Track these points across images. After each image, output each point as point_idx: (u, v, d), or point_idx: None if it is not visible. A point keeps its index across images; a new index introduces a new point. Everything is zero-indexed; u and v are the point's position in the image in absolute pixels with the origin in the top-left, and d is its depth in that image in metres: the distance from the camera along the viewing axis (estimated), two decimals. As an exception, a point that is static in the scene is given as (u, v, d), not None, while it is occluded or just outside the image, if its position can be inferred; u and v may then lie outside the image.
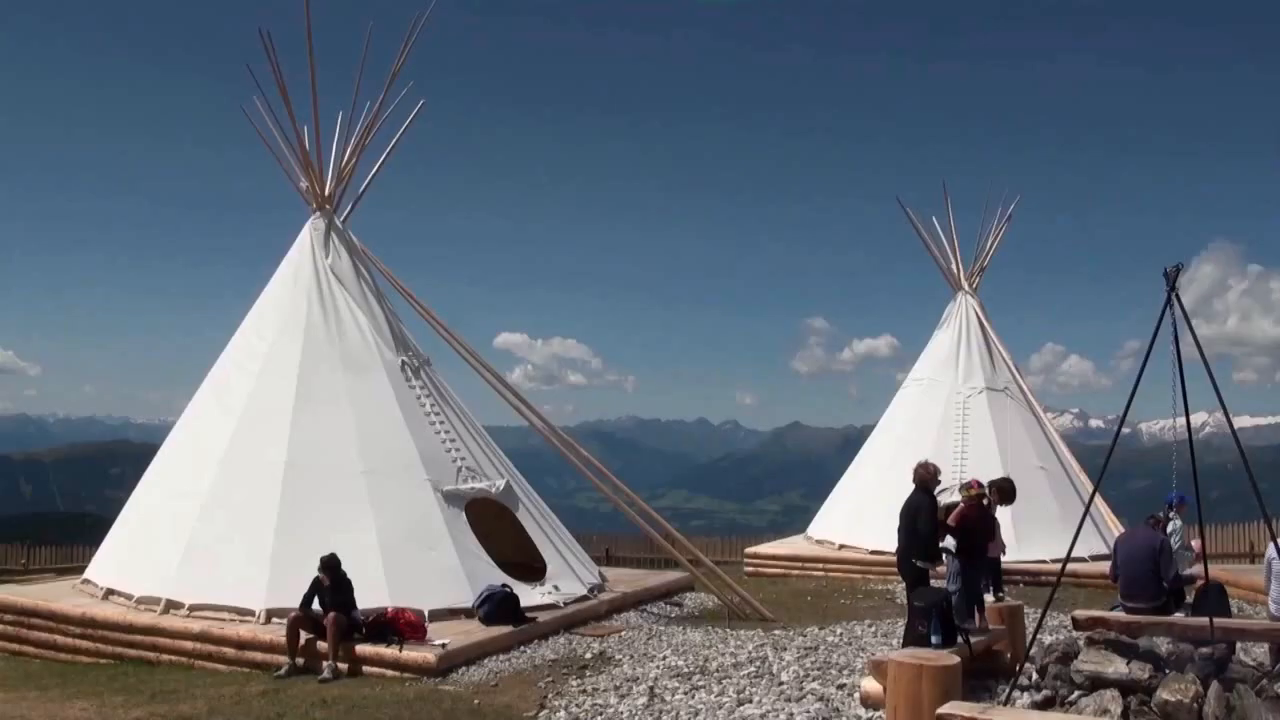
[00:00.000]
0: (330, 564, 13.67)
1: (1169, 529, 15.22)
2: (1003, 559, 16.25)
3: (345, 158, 18.59)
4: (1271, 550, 11.48)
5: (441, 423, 17.51)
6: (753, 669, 12.76)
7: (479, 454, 17.71)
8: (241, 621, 14.54)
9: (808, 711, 10.63)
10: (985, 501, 14.27)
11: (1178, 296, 9.70)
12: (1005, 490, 15.36)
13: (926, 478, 13.21)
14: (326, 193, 18.54)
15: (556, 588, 16.58)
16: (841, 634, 15.32)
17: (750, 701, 11.12)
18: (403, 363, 17.82)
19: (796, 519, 33.76)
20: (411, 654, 13.21)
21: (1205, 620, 11.01)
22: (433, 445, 17.08)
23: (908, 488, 13.51)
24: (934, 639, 11.33)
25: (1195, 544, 15.22)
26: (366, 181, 19.15)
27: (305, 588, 13.72)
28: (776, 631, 15.65)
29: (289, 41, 17.40)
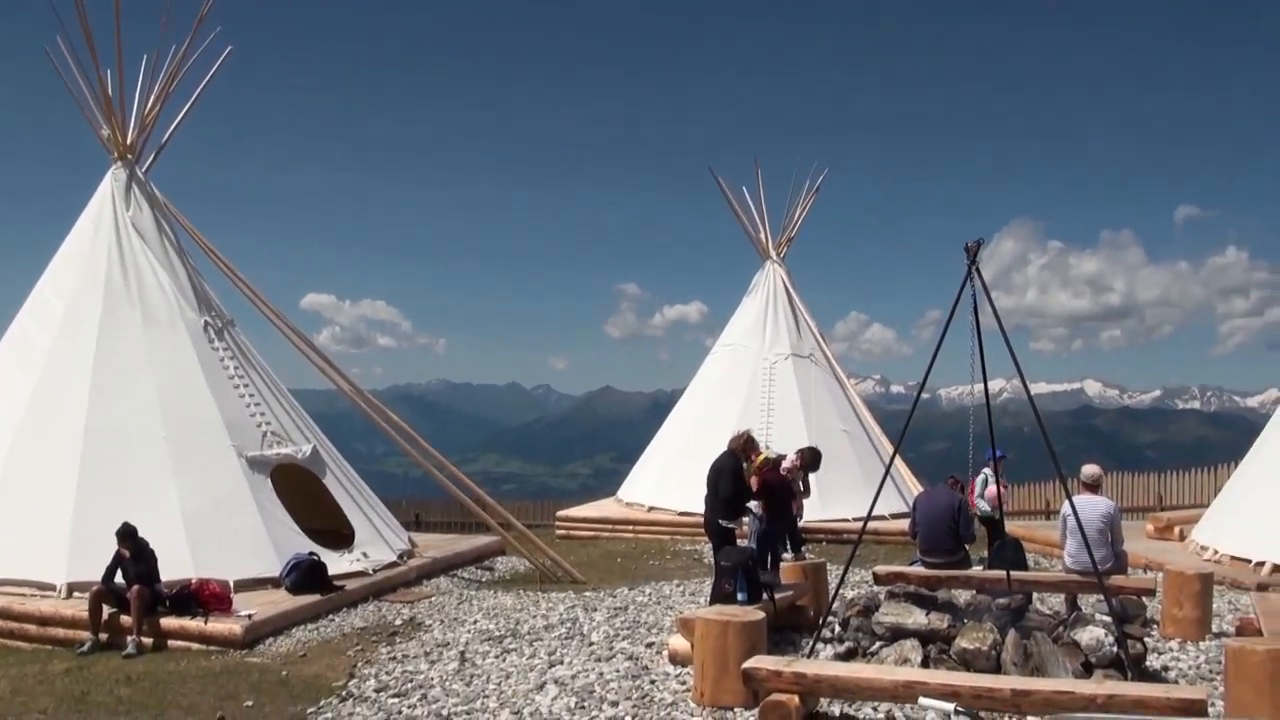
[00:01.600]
0: (127, 533, 13.25)
1: (979, 479, 16.06)
2: (803, 519, 16.71)
3: (148, 105, 17.72)
4: (1066, 507, 11.98)
5: (246, 386, 17.01)
6: (563, 630, 12.88)
7: (285, 418, 17.32)
8: (43, 597, 13.96)
9: (617, 670, 10.76)
10: (786, 468, 14.66)
11: (978, 270, 10.06)
12: (809, 458, 15.79)
13: (735, 446, 13.48)
14: (128, 141, 17.67)
15: (365, 555, 16.37)
16: (650, 594, 15.55)
17: (561, 663, 11.22)
18: (205, 323, 17.19)
19: (607, 482, 33.98)
20: (217, 626, 12.92)
21: (1002, 573, 11.49)
22: (237, 409, 16.59)
23: (716, 450, 13.77)
24: (740, 596, 11.59)
25: (990, 490, 16.01)
26: (170, 131, 18.29)
27: (108, 559, 13.26)
28: (587, 593, 15.80)
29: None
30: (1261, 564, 16.57)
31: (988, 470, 16.04)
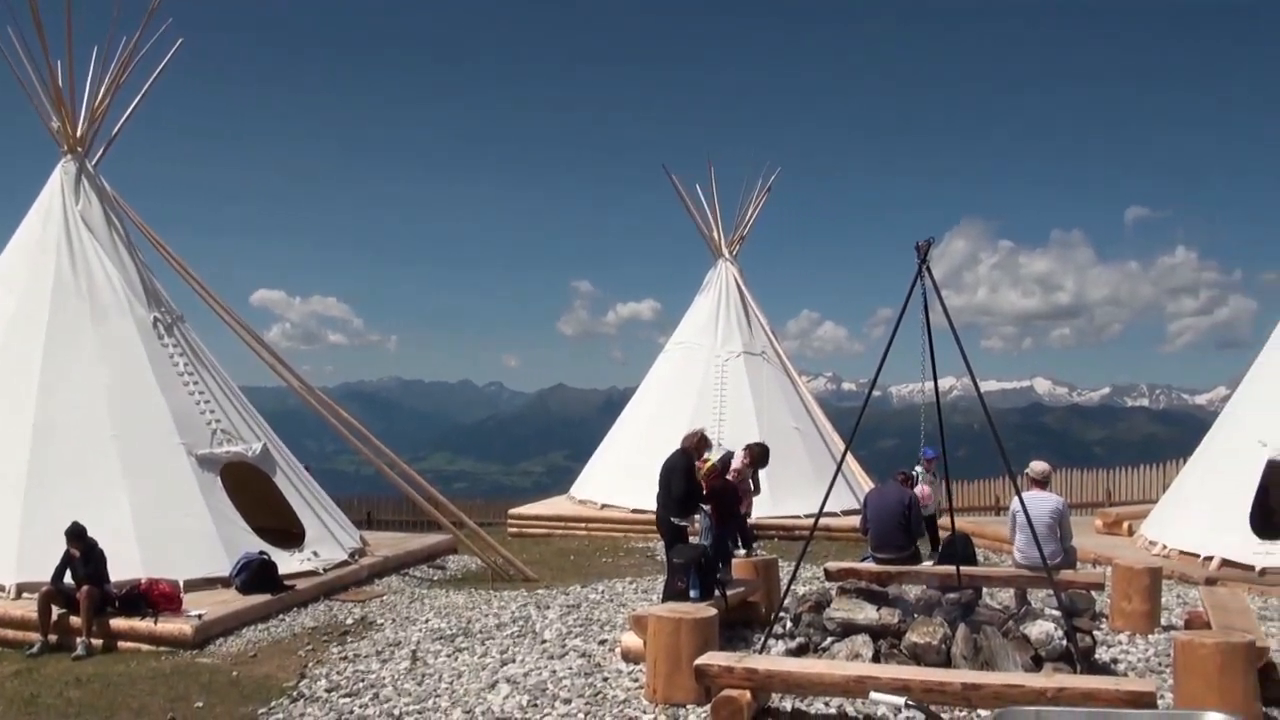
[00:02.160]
0: (76, 533, 13.10)
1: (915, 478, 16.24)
2: (753, 516, 16.85)
3: (98, 97, 17.43)
4: (1015, 504, 12.07)
5: (195, 383, 16.81)
6: (516, 629, 12.85)
7: (234, 416, 17.15)
8: (-9, 598, 13.81)
9: (570, 668, 10.76)
10: (736, 468, 14.76)
11: (928, 268, 10.13)
12: (757, 454, 15.89)
13: (688, 444, 13.51)
14: (79, 134, 17.40)
15: (316, 553, 16.26)
16: (603, 591, 15.54)
17: (513, 661, 11.20)
18: (155, 319, 16.96)
19: (560, 479, 33.95)
20: (167, 626, 12.79)
21: (952, 568, 11.57)
22: (186, 406, 16.40)
23: (669, 448, 13.78)
24: (693, 593, 11.61)
25: (922, 489, 16.20)
26: (120, 123, 18.03)
27: (57, 559, 13.09)
28: (539, 591, 15.77)
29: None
30: (1210, 558, 16.76)
31: (920, 469, 16.25)
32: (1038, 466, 13.05)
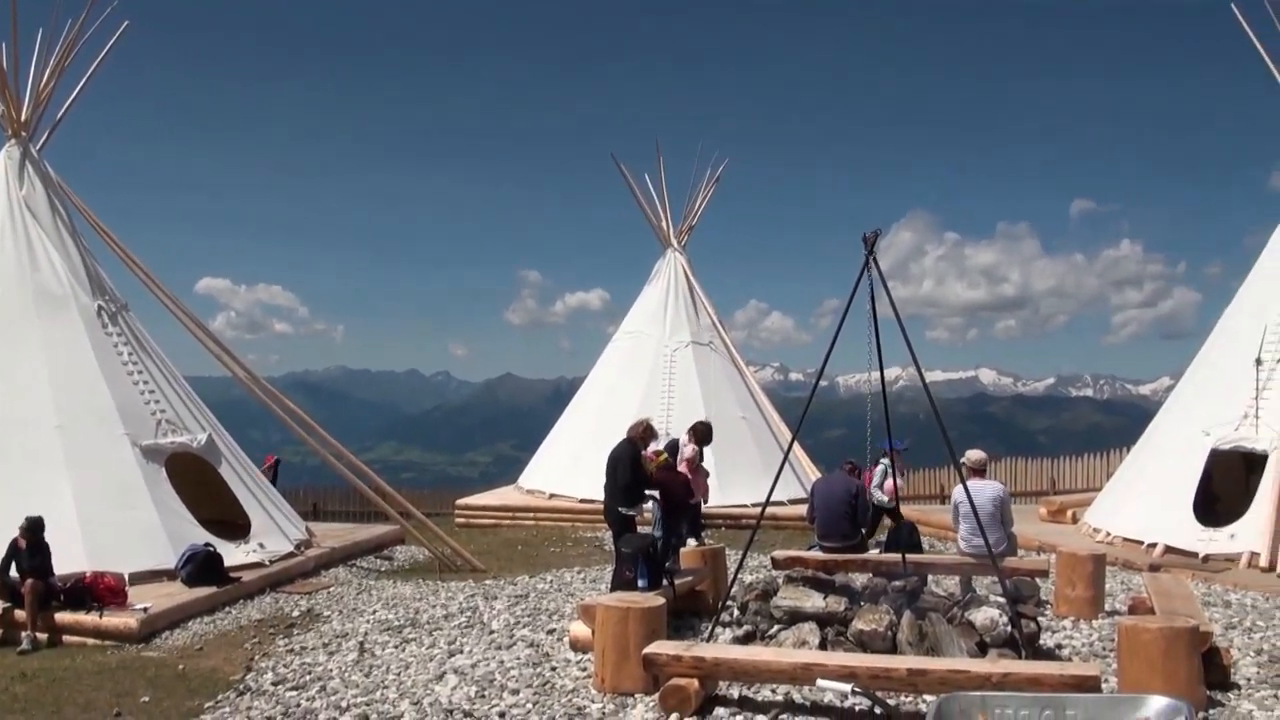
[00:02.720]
0: (35, 527, 12.94)
1: (877, 472, 16.46)
2: (704, 505, 16.89)
3: (43, 80, 17.22)
4: (959, 492, 12.15)
5: (140, 372, 16.63)
6: (463, 619, 12.82)
7: (179, 406, 16.98)
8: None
9: (518, 658, 10.74)
10: (688, 457, 14.82)
11: (875, 260, 10.18)
12: (701, 433, 15.93)
13: (635, 434, 13.52)
14: (23, 118, 17.18)
15: (262, 545, 16.15)
16: (552, 581, 15.54)
17: (461, 652, 11.17)
18: (99, 307, 16.77)
19: (508, 469, 33.94)
20: (112, 620, 12.64)
21: (898, 556, 11.65)
22: (131, 396, 16.23)
23: (617, 438, 13.79)
24: (641, 583, 11.62)
25: (888, 485, 16.28)
26: (65, 108, 17.78)
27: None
28: (487, 581, 15.75)
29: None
30: (1153, 545, 17.00)
31: (885, 461, 16.31)
32: (974, 455, 13.17)
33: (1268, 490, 16.51)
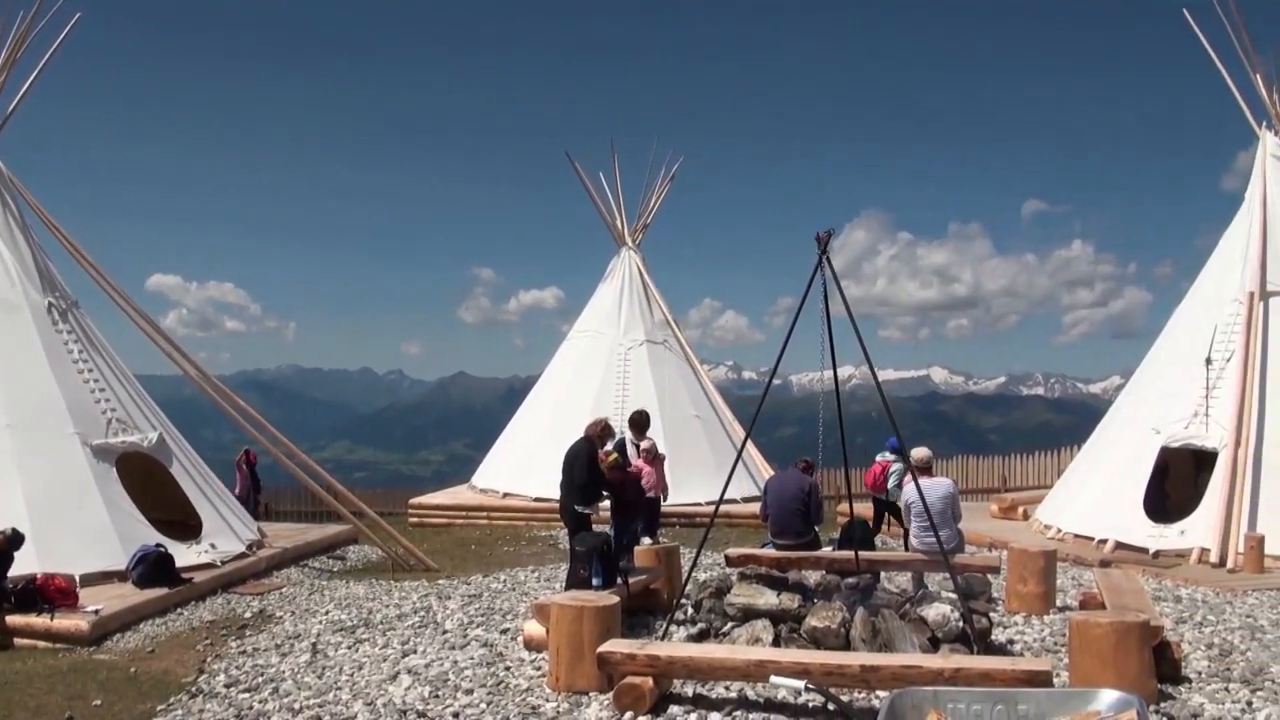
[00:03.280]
0: (15, 542, 12.89)
1: (893, 469, 16.63)
2: (668, 498, 16.94)
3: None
4: (909, 490, 12.23)
5: (90, 370, 16.45)
6: (417, 619, 12.79)
7: (130, 405, 16.82)
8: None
9: (472, 658, 10.72)
10: (645, 449, 14.82)
11: (828, 259, 10.25)
12: (637, 422, 15.93)
13: (592, 432, 13.53)
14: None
15: (213, 545, 16.04)
16: (505, 580, 15.54)
17: (415, 652, 11.14)
18: (49, 304, 16.57)
19: (461, 468, 33.82)
20: (63, 622, 12.50)
21: (850, 554, 11.71)
22: (81, 395, 16.05)
23: (571, 436, 13.79)
24: (595, 581, 11.63)
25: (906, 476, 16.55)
26: (16, 100, 17.56)
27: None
28: (441, 581, 15.71)
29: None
30: (1104, 541, 17.18)
31: (895, 461, 16.53)
32: (920, 453, 13.27)
33: (1218, 487, 16.72)
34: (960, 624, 9.88)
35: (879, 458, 17.15)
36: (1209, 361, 17.79)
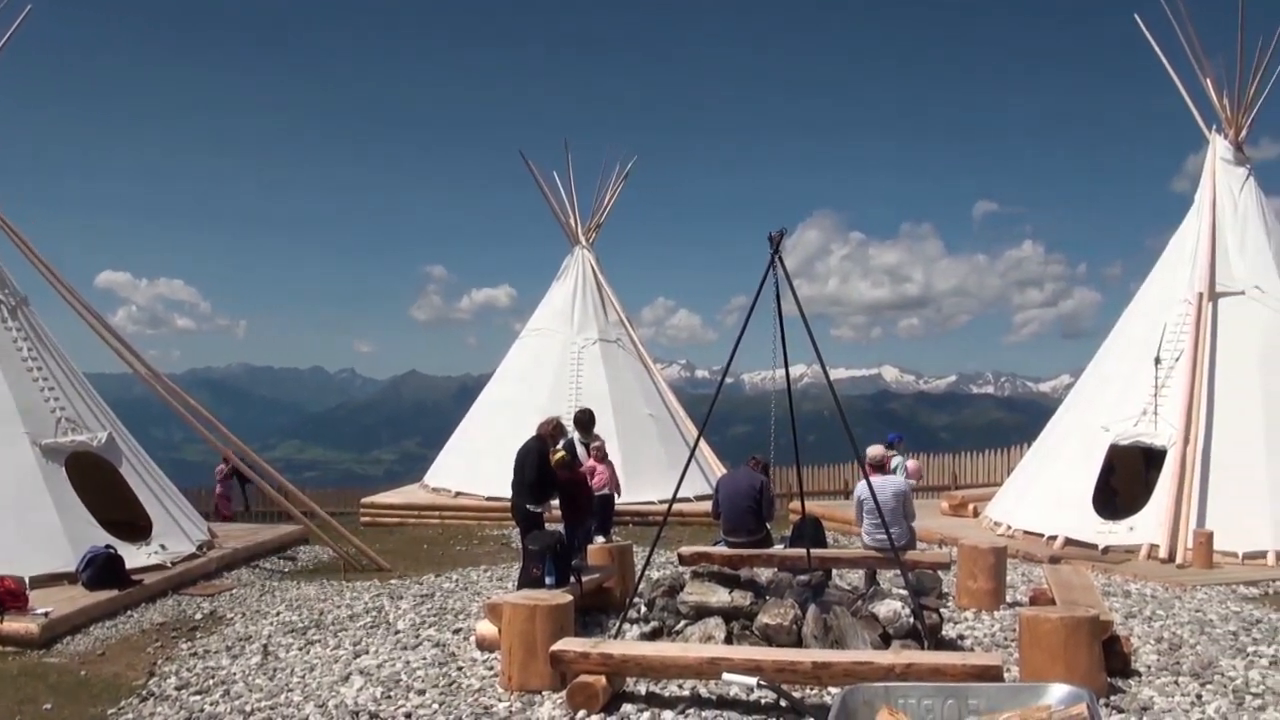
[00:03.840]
0: None
1: (893, 463, 16.71)
2: (621, 495, 17.00)
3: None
4: (861, 487, 12.31)
5: (39, 369, 16.20)
6: (369, 619, 12.74)
7: (80, 404, 16.60)
8: None
9: (424, 658, 10.69)
10: (596, 447, 14.86)
11: (781, 259, 10.29)
12: (582, 421, 15.96)
13: (544, 431, 13.54)
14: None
15: (163, 546, 15.88)
16: (458, 580, 15.50)
17: (367, 652, 11.09)
18: (-1, 301, 16.45)
19: (413, 467, 33.71)
20: (12, 625, 12.30)
21: (802, 551, 11.78)
22: (30, 394, 15.80)
23: (523, 435, 13.79)
24: (548, 580, 11.64)
25: (912, 464, 16.94)
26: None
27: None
28: (393, 581, 15.65)
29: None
30: (1053, 538, 17.36)
31: (894, 454, 16.98)
32: (872, 451, 13.39)
33: (1167, 484, 16.93)
34: (911, 620, 9.95)
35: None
36: (1158, 361, 18.01)
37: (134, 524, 16.25)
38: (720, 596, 10.64)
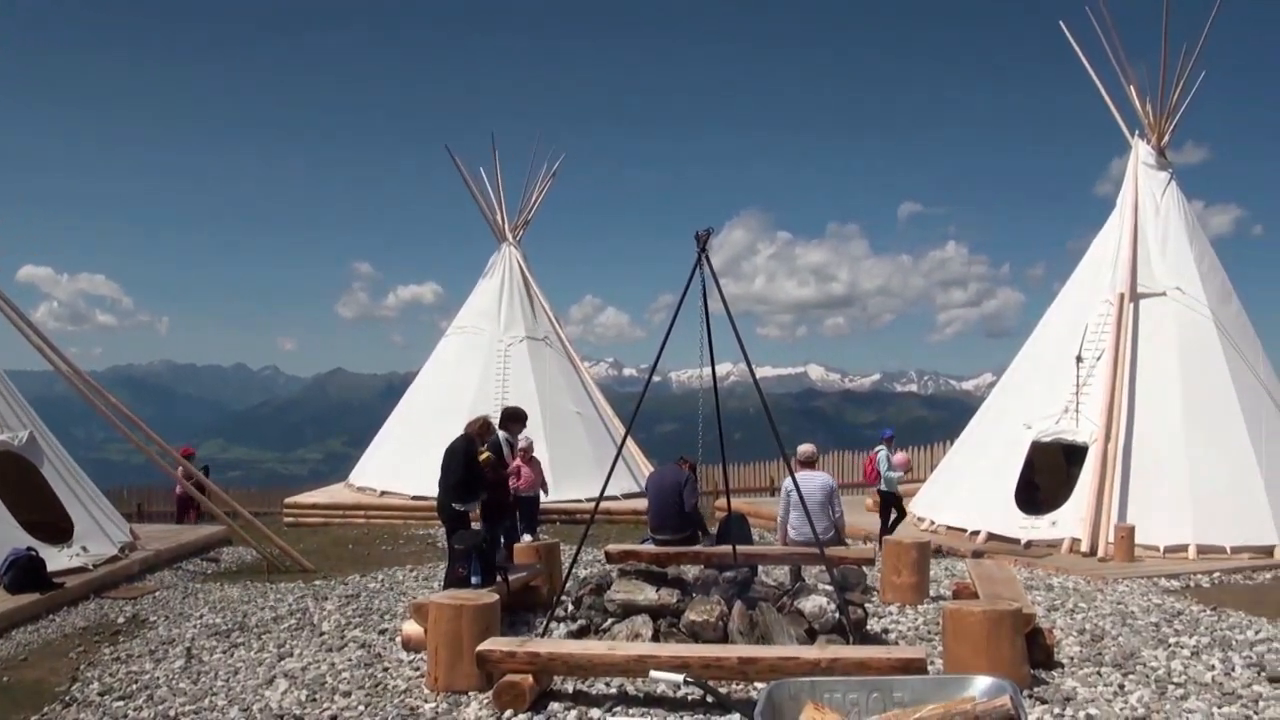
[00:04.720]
0: None
1: (879, 456, 17.99)
2: (548, 494, 17.02)
3: None
4: (788, 483, 12.40)
5: (-42, 367, 16.05)
6: (293, 621, 12.64)
7: (0, 402, 16.47)
8: None
9: (350, 660, 10.63)
10: (523, 448, 14.89)
11: (707, 257, 10.36)
12: (513, 416, 15.94)
13: (472, 430, 13.52)
14: None
15: (85, 548, 15.64)
16: (383, 580, 15.42)
17: (291, 655, 11.00)
18: (-84, 298, 16.12)
19: (338, 467, 33.49)
20: (-69, 630, 12.22)
21: (729, 548, 11.84)
22: (-53, 393, 15.66)
23: (450, 434, 13.75)
24: (474, 579, 11.63)
25: (899, 456, 17.23)
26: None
27: None
28: (317, 582, 15.53)
29: None
30: (976, 533, 17.61)
31: (882, 448, 17.36)
32: (804, 449, 13.56)
33: (1088, 480, 17.21)
34: (837, 615, 10.05)
35: (873, 451, 17.96)
36: (1080, 359, 18.33)
37: (55, 525, 16.00)
38: (647, 594, 10.68)
